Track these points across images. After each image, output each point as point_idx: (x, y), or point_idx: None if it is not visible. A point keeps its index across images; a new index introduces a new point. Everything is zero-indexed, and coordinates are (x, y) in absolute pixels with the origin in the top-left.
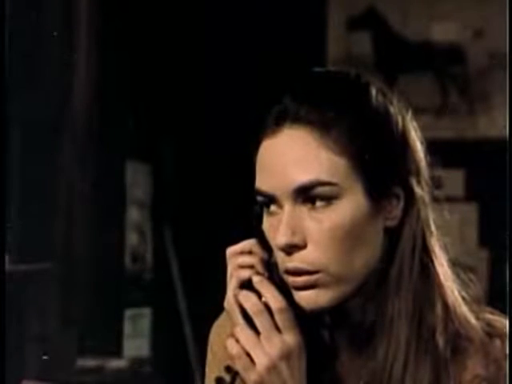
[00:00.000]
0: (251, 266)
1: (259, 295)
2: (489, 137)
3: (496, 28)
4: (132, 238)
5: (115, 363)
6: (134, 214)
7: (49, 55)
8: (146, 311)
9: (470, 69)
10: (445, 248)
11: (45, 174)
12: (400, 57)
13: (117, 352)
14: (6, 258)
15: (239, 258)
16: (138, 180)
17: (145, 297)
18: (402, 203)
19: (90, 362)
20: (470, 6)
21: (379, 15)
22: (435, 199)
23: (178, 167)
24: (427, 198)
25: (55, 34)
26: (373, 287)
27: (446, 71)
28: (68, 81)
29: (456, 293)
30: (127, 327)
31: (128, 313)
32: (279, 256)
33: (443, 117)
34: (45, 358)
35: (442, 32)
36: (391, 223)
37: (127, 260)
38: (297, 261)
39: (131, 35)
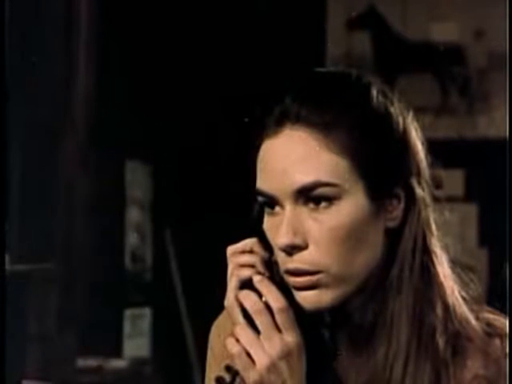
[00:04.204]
0: (252, 266)
1: (260, 294)
2: (488, 137)
3: (496, 28)
4: (132, 238)
5: (115, 363)
6: (133, 214)
7: (49, 56)
8: (146, 311)
9: (469, 69)
10: (445, 248)
11: (45, 174)
12: (400, 57)
13: (117, 352)
14: (6, 257)
15: (240, 257)
16: (137, 180)
17: (145, 297)
18: (402, 204)
19: (89, 362)
20: (469, 6)
21: (379, 15)
22: (435, 199)
23: (178, 167)
24: (428, 199)
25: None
26: (373, 287)
27: (445, 71)
28: (68, 81)
29: (456, 293)
30: (127, 327)
31: (128, 313)
32: (280, 256)
33: (443, 117)
34: None
35: (442, 32)
36: (392, 224)
37: (127, 260)
38: (298, 261)
39: (132, 35)
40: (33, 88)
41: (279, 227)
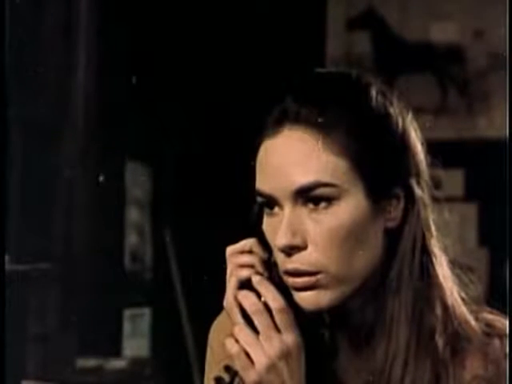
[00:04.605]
0: (251, 266)
1: (259, 295)
2: (488, 137)
3: (496, 28)
4: (132, 238)
5: (115, 363)
6: (133, 214)
7: (49, 55)
8: (146, 311)
9: (469, 69)
10: (445, 249)
11: (45, 173)
12: (399, 57)
13: (116, 352)
14: (6, 257)
15: (239, 257)
16: (137, 180)
17: (144, 297)
18: (402, 204)
19: (89, 362)
20: (470, 6)
21: (378, 15)
22: (435, 199)
23: (177, 167)
24: (427, 199)
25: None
26: (373, 288)
27: (445, 71)
28: (68, 81)
29: (455, 293)
30: (127, 327)
31: (128, 313)
32: (279, 257)
33: (442, 117)
34: None
35: (442, 32)
36: (391, 224)
37: (127, 260)
38: (297, 262)
39: (131, 35)
40: (33, 88)
41: (278, 228)
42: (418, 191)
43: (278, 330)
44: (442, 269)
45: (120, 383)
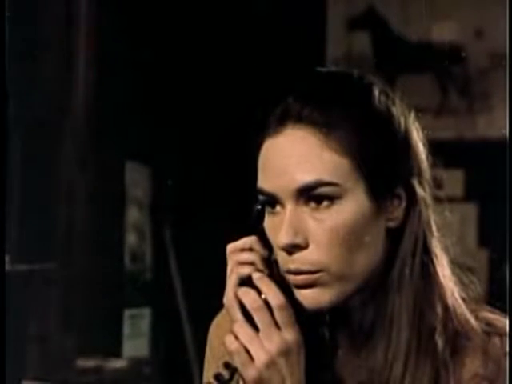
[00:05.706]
0: (251, 263)
1: (259, 292)
2: (488, 137)
3: (496, 28)
4: (131, 238)
5: (115, 363)
6: (133, 215)
7: (49, 55)
8: (146, 311)
9: (469, 69)
10: (446, 249)
11: (45, 173)
12: (400, 57)
13: (116, 352)
14: (6, 257)
15: (240, 254)
16: (137, 180)
17: (144, 297)
18: (403, 204)
19: (89, 362)
20: (469, 6)
21: (379, 15)
22: (436, 199)
23: (177, 167)
24: (429, 199)
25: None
26: (374, 287)
27: (445, 71)
28: (68, 81)
29: (456, 293)
30: (127, 327)
31: (127, 313)
32: (280, 255)
33: (443, 117)
34: None
35: (442, 32)
36: (393, 224)
37: (127, 260)
38: (298, 261)
39: (132, 34)
40: (32, 87)
41: (280, 226)
42: (419, 191)
43: (278, 327)
44: (443, 269)
45: (120, 383)
